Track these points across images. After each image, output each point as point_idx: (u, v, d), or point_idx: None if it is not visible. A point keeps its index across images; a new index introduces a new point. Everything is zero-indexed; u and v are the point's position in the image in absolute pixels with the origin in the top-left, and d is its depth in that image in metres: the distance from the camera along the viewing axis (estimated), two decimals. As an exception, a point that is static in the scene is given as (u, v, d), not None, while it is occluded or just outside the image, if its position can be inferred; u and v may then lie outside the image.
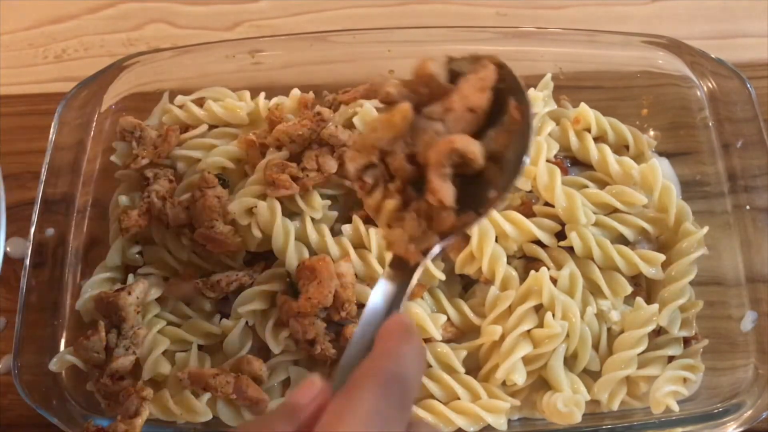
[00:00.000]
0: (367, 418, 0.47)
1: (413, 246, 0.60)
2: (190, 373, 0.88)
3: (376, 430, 0.47)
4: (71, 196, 0.98)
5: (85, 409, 0.88)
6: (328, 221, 0.97)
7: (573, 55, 1.06)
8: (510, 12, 1.28)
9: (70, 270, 0.95)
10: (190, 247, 0.95)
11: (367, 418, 0.47)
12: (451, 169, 0.59)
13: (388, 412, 0.48)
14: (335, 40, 1.07)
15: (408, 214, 0.61)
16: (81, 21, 1.32)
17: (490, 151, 0.59)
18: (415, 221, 0.61)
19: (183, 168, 1.02)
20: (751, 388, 0.86)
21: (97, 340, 0.88)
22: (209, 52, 1.08)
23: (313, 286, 0.86)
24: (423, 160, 0.60)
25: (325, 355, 0.87)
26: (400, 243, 0.61)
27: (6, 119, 1.20)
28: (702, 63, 1.01)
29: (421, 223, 0.61)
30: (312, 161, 0.95)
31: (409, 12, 1.30)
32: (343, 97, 1.05)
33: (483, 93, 0.60)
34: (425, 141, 0.60)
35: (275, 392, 0.91)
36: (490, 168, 0.60)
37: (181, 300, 0.96)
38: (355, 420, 0.47)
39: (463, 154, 0.58)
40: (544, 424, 0.88)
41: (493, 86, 0.60)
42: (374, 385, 0.49)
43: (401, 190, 0.62)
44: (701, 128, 1.01)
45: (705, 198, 0.98)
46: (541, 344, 0.87)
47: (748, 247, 0.93)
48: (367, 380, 0.49)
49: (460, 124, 0.60)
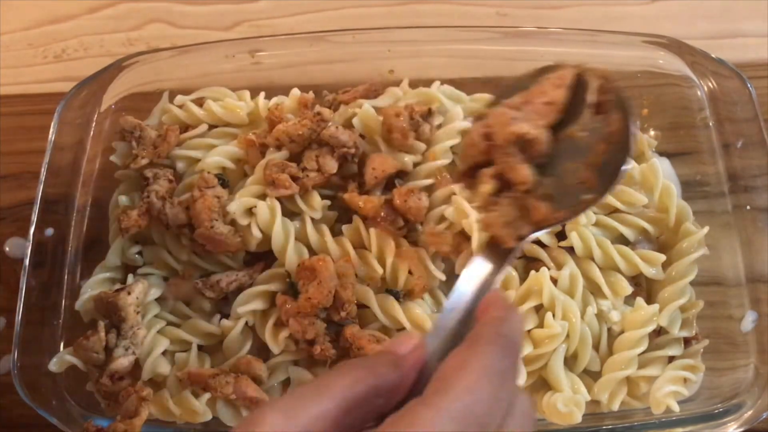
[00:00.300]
0: (489, 372, 0.49)
1: (508, 230, 0.66)
2: (190, 373, 0.88)
3: (495, 385, 0.49)
4: (71, 196, 0.98)
5: (85, 409, 0.88)
6: (328, 221, 0.97)
7: (573, 55, 1.06)
8: (510, 12, 1.28)
9: (69, 270, 0.95)
10: (190, 247, 0.95)
11: (488, 372, 0.49)
12: (522, 154, 0.67)
13: (506, 372, 0.51)
14: (335, 40, 1.07)
15: (502, 199, 0.67)
16: (81, 21, 1.32)
17: (590, 160, 0.66)
18: (510, 207, 0.67)
19: (183, 168, 1.02)
20: (751, 388, 0.86)
21: (96, 341, 0.88)
22: (209, 52, 1.08)
23: (313, 286, 0.86)
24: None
25: (325, 355, 0.87)
26: (497, 225, 0.66)
27: (6, 119, 1.20)
28: (702, 63, 1.01)
29: (515, 211, 0.67)
30: (312, 161, 0.95)
31: (409, 12, 1.30)
32: (343, 97, 1.05)
33: (560, 89, 0.67)
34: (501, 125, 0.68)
35: (275, 392, 0.91)
36: (590, 173, 0.66)
37: (181, 300, 0.96)
38: (477, 373, 0.49)
39: (525, 138, 0.66)
40: (544, 424, 0.87)
41: (573, 86, 0.68)
42: (494, 345, 0.51)
43: (496, 176, 0.68)
44: (701, 128, 1.01)
45: (705, 198, 0.98)
46: (541, 344, 0.87)
47: (749, 247, 0.92)
48: (486, 340, 0.52)
49: (536, 115, 0.67)
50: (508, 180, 0.68)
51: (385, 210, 0.94)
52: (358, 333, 0.87)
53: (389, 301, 0.90)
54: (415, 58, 1.08)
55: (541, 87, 0.68)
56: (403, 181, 0.98)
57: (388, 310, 0.90)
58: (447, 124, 1.01)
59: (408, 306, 0.90)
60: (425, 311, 0.90)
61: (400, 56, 1.07)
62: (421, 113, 0.99)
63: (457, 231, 0.94)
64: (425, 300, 0.92)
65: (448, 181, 0.98)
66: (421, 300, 0.92)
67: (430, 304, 0.93)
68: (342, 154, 0.96)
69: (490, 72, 1.08)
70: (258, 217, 0.93)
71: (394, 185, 0.97)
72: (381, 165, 0.96)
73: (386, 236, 0.93)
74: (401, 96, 1.04)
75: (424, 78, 1.07)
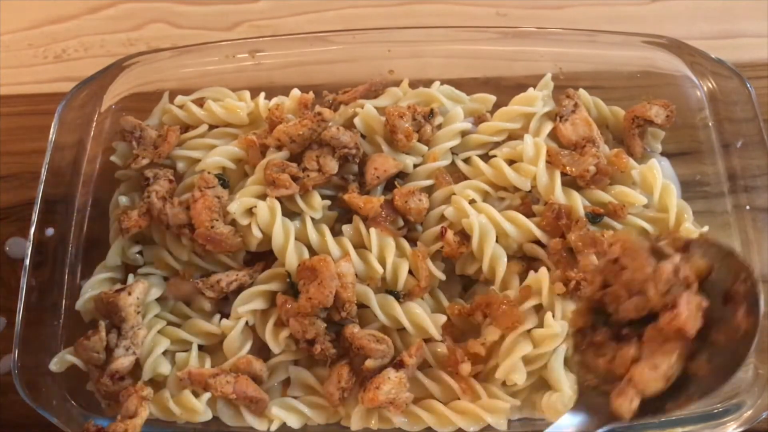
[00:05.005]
0: None
1: (628, 396, 0.63)
2: (190, 373, 0.88)
3: None
4: (71, 196, 0.98)
5: (85, 409, 0.88)
6: (328, 221, 0.97)
7: (573, 55, 1.06)
8: (510, 12, 1.28)
9: (70, 270, 0.95)
10: (190, 247, 0.95)
11: None
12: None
13: None
14: (335, 40, 1.07)
15: (610, 348, 0.65)
16: (81, 21, 1.32)
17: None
18: (612, 358, 0.65)
19: (183, 168, 1.02)
20: (751, 388, 0.86)
21: (97, 341, 0.88)
22: (209, 52, 1.08)
23: (313, 286, 0.86)
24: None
25: (325, 355, 0.87)
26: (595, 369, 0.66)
27: (6, 119, 1.21)
28: (702, 63, 1.01)
29: (617, 367, 0.65)
30: (312, 161, 0.96)
31: (409, 12, 1.30)
32: (343, 97, 1.05)
33: (695, 320, 0.61)
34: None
35: (275, 392, 0.91)
36: (703, 363, 0.62)
37: (182, 300, 0.96)
38: None
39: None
40: (544, 424, 0.87)
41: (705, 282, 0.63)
42: None
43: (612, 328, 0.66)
44: (701, 128, 1.01)
45: (705, 198, 0.98)
46: (541, 344, 0.87)
47: (748, 247, 0.92)
48: None
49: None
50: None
51: (385, 210, 0.94)
52: (358, 333, 0.87)
53: (389, 301, 0.90)
54: (415, 58, 1.08)
55: (678, 308, 0.63)
56: (403, 182, 0.98)
57: (388, 310, 0.90)
58: (447, 125, 1.01)
59: (408, 306, 0.90)
60: (425, 311, 0.90)
61: (400, 56, 1.07)
62: (423, 114, 0.99)
63: (457, 230, 0.94)
64: (425, 300, 0.92)
65: (447, 182, 0.98)
66: (421, 300, 0.92)
67: (430, 303, 0.93)
68: (343, 155, 0.96)
69: (490, 72, 1.08)
70: (258, 217, 0.93)
71: (394, 186, 0.97)
72: (382, 165, 0.96)
73: (386, 236, 0.93)
74: (401, 96, 1.04)
75: (424, 78, 1.07)
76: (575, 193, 0.94)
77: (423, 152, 1.00)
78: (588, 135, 0.99)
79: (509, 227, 0.92)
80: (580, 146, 0.98)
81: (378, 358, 0.86)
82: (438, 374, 0.88)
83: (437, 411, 0.86)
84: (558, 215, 0.91)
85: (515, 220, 0.93)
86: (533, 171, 0.95)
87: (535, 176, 0.94)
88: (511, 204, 0.97)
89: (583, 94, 1.03)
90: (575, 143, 0.98)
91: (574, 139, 0.99)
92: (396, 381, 0.84)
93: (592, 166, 0.94)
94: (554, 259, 0.91)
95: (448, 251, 0.93)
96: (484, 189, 0.97)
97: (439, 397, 0.88)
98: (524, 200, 0.96)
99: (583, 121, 0.99)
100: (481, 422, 0.85)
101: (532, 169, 0.95)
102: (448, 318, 0.91)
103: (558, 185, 0.94)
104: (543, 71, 1.05)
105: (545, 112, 1.02)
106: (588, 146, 0.97)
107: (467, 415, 0.85)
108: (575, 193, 0.94)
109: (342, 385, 0.86)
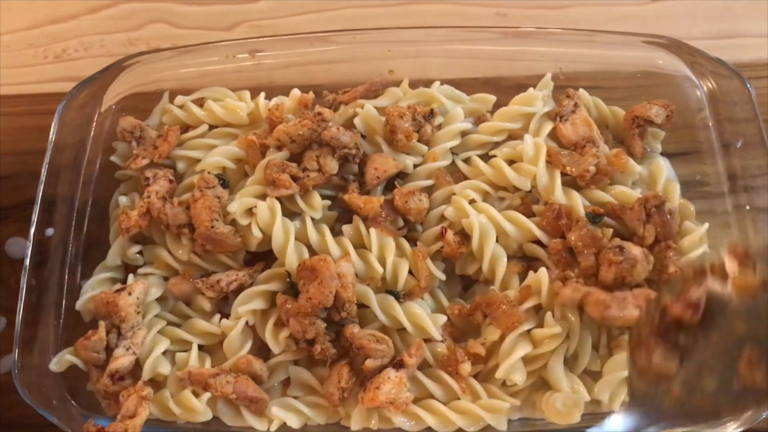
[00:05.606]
0: None
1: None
2: (191, 372, 0.88)
3: None
4: (71, 196, 0.98)
5: (85, 409, 0.88)
6: (328, 221, 0.97)
7: (573, 55, 1.06)
8: (510, 12, 1.28)
9: (69, 270, 0.95)
10: (190, 247, 0.95)
11: None
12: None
13: None
14: (335, 40, 1.07)
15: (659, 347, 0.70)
16: (81, 21, 1.32)
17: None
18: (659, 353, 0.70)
19: (183, 168, 1.02)
20: (751, 388, 0.86)
21: (97, 340, 0.88)
22: (209, 52, 1.08)
23: (313, 286, 0.86)
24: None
25: (325, 355, 0.87)
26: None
27: (6, 119, 1.21)
28: (702, 63, 1.01)
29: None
30: (313, 161, 0.96)
31: (409, 12, 1.30)
32: (343, 97, 1.05)
33: (693, 311, 0.69)
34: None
35: (275, 392, 0.91)
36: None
37: (181, 300, 0.96)
38: None
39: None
40: (544, 424, 0.87)
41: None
42: None
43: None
44: (701, 128, 1.01)
45: (705, 198, 0.98)
46: (541, 344, 0.87)
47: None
48: None
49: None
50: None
51: (385, 210, 0.94)
52: (358, 333, 0.87)
53: (389, 301, 0.90)
54: (415, 58, 1.08)
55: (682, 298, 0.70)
56: (404, 182, 0.98)
57: (388, 310, 0.90)
58: (447, 125, 1.01)
59: (408, 306, 0.90)
60: (425, 311, 0.90)
61: (400, 56, 1.07)
62: (423, 114, 0.99)
63: (457, 230, 0.94)
64: (425, 300, 0.93)
65: (447, 182, 0.98)
66: (421, 300, 0.92)
67: (430, 303, 0.93)
68: (343, 155, 0.96)
69: (490, 72, 1.08)
70: (258, 217, 0.93)
71: (394, 186, 0.97)
72: (383, 165, 0.96)
73: (386, 236, 0.93)
74: (401, 96, 1.04)
75: (424, 78, 1.07)
76: (575, 193, 0.94)
77: (423, 152, 1.00)
78: (588, 135, 0.99)
79: (509, 227, 0.92)
80: (580, 146, 0.98)
81: (378, 358, 0.86)
82: (438, 374, 0.88)
83: (437, 411, 0.86)
84: (558, 215, 0.91)
85: (515, 220, 0.93)
86: (533, 171, 0.95)
87: (535, 176, 0.94)
88: (511, 204, 0.97)
89: (583, 94, 1.03)
90: (575, 143, 0.98)
91: (574, 139, 0.99)
92: (396, 381, 0.84)
93: (592, 166, 0.94)
94: (554, 259, 0.91)
95: (448, 251, 0.93)
96: (484, 189, 0.97)
97: (439, 397, 0.87)
98: (524, 200, 0.97)
99: (583, 121, 0.99)
100: (481, 422, 0.85)
101: (532, 169, 0.95)
102: (448, 318, 0.91)
103: (558, 185, 0.94)
104: (543, 71, 1.05)
105: (545, 112, 1.02)
106: (588, 146, 0.97)
107: (467, 415, 0.85)
108: (575, 193, 0.94)
109: (342, 385, 0.86)
